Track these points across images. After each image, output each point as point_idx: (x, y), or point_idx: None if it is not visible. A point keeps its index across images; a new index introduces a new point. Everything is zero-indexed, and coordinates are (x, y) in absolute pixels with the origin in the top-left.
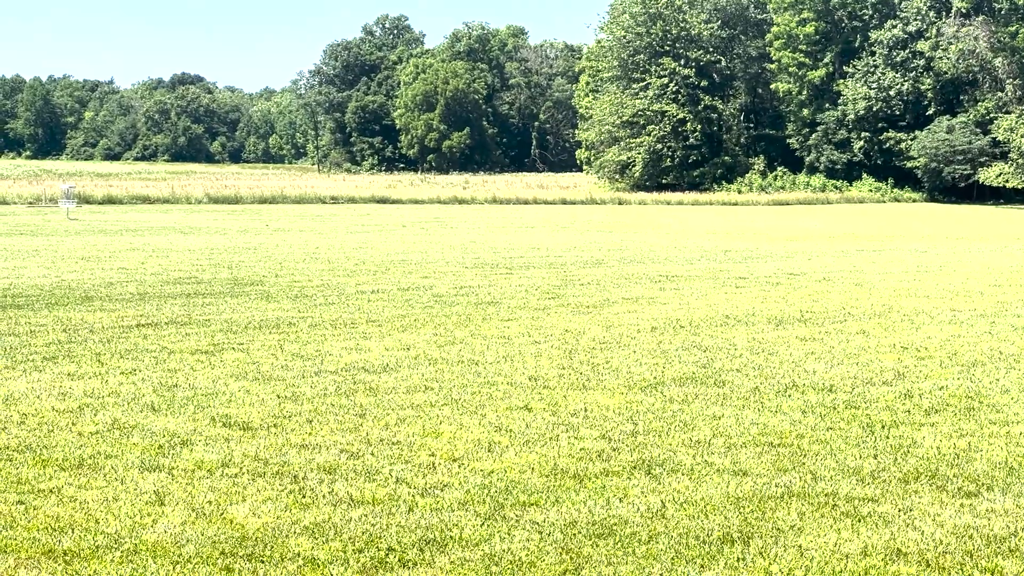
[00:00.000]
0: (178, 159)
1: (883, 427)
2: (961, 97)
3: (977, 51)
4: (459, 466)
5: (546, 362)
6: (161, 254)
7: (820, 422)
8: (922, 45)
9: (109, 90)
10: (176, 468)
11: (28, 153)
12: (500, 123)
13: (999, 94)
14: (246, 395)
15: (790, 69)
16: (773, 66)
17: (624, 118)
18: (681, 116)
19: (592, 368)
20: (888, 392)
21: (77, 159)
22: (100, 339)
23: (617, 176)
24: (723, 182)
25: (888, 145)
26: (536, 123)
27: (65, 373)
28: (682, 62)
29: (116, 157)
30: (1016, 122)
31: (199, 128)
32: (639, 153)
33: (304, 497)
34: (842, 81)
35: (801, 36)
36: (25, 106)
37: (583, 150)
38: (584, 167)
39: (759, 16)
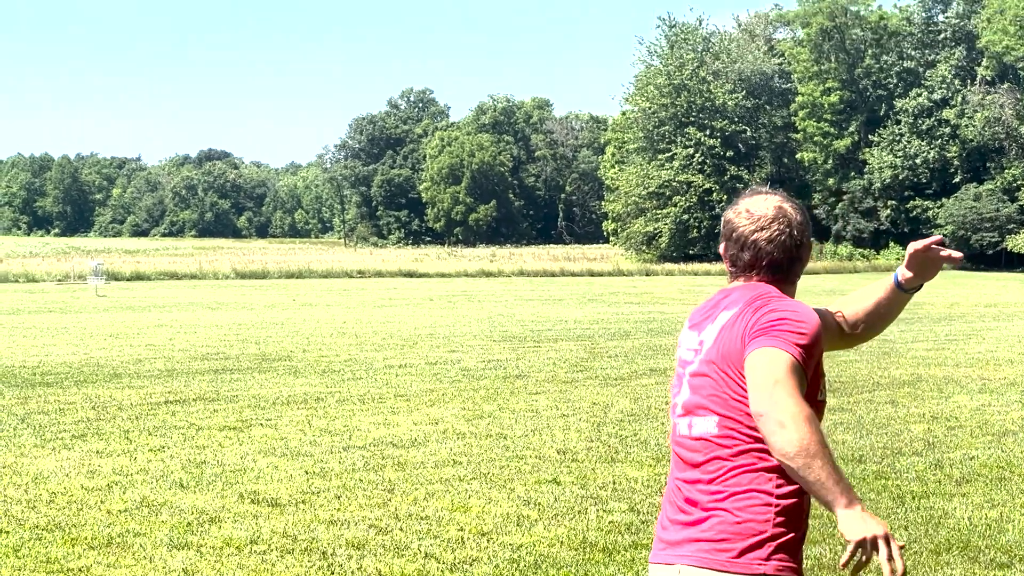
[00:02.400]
0: (205, 235)
1: (913, 498)
2: (988, 164)
3: (1003, 119)
4: (488, 540)
5: (574, 435)
6: (189, 330)
7: None
8: (947, 113)
9: (136, 167)
10: (205, 545)
11: (57, 231)
12: (526, 195)
13: None
14: (274, 471)
15: (815, 138)
16: (798, 135)
17: (650, 189)
18: (707, 186)
19: (620, 440)
20: (918, 462)
21: (105, 236)
22: (128, 416)
23: (644, 247)
24: None
25: (915, 213)
26: (562, 195)
27: (94, 451)
28: (707, 132)
29: (144, 233)
30: None
31: (226, 203)
32: (665, 224)
33: (333, 574)
34: (867, 150)
35: (826, 105)
36: (53, 184)
37: (609, 221)
38: (611, 238)
39: (783, 86)
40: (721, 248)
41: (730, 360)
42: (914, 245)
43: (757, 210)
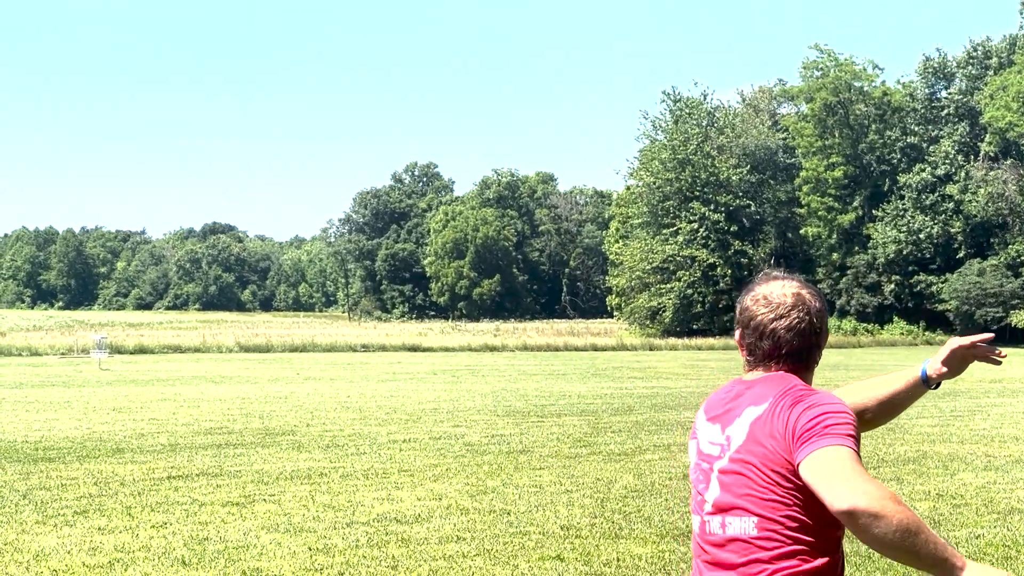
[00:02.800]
0: (209, 308)
1: None
2: (991, 240)
3: (1006, 194)
4: None
5: (578, 511)
6: (192, 404)
7: (856, 572)
8: (951, 188)
9: (141, 240)
10: None
11: (60, 304)
12: (530, 270)
13: None
14: (277, 547)
15: (819, 213)
16: (802, 210)
17: (654, 264)
18: (711, 261)
19: (624, 517)
20: None
21: (109, 309)
22: (131, 492)
23: (648, 322)
24: None
25: (919, 288)
26: (566, 269)
27: (96, 527)
28: (712, 207)
29: (148, 307)
30: None
31: (230, 277)
32: (669, 298)
33: None
34: (871, 225)
35: (830, 180)
36: (58, 257)
37: (613, 296)
38: (615, 313)
39: (788, 161)
40: (737, 335)
41: (769, 460)
42: (958, 341)
43: (775, 297)
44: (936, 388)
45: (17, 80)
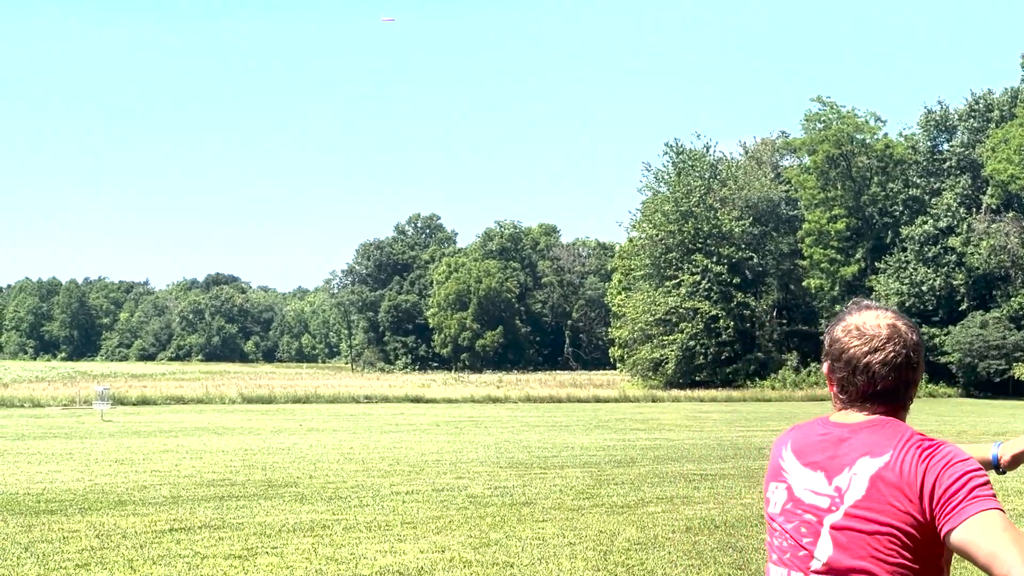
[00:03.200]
0: (212, 359)
1: None
2: (994, 292)
3: (1008, 247)
4: None
5: (581, 563)
6: (195, 455)
7: None
8: (953, 241)
9: (144, 291)
10: None
11: (63, 355)
12: (533, 321)
13: None
14: None
15: (822, 265)
16: (805, 262)
17: (657, 316)
18: (714, 313)
19: (627, 570)
20: None
21: (112, 360)
22: (133, 545)
23: (650, 373)
24: (756, 378)
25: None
26: (569, 321)
27: None
28: (714, 259)
29: (151, 358)
30: None
31: (233, 328)
32: (672, 350)
33: None
34: (874, 277)
35: (832, 232)
36: (61, 308)
37: (616, 348)
38: (617, 365)
39: (790, 212)
40: (825, 368)
41: (899, 520)
42: None
43: (869, 328)
44: (1003, 474)
45: (19, 131)
